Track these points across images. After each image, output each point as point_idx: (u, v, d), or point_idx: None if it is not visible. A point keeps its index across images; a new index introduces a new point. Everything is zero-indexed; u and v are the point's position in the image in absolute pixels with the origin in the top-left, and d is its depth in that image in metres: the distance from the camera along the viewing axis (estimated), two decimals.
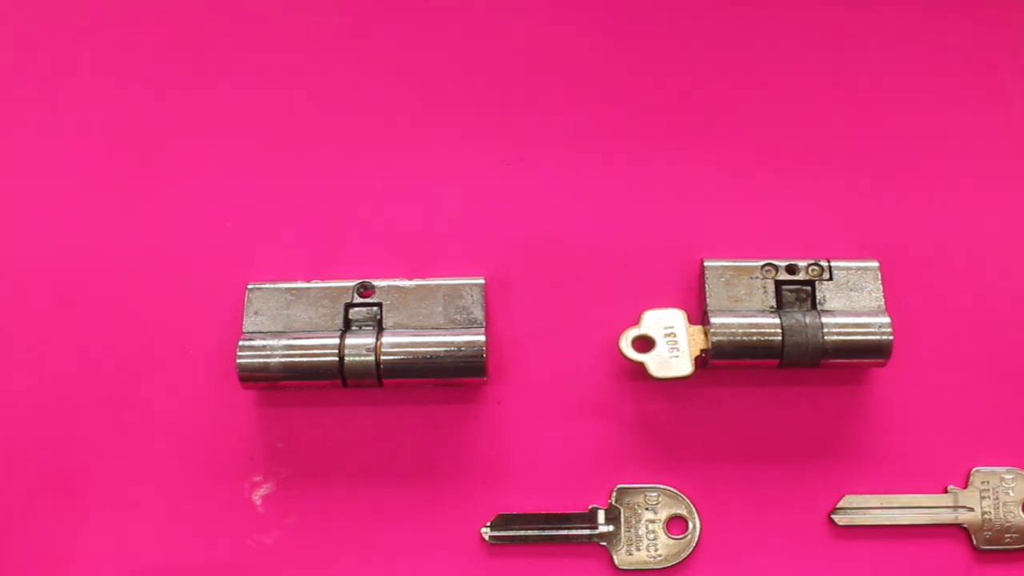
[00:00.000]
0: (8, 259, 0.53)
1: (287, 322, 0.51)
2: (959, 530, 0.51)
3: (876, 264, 0.52)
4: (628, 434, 0.52)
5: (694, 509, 0.51)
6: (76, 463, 0.51)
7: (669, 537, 0.51)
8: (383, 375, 0.50)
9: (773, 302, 0.51)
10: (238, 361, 0.49)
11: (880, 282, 0.52)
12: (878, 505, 0.51)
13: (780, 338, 0.50)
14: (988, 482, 0.51)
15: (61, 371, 0.52)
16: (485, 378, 0.50)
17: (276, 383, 0.50)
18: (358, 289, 0.52)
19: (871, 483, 0.51)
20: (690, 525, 0.51)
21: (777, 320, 0.50)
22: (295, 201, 0.54)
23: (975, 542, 0.51)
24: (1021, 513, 0.51)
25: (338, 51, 0.55)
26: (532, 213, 0.54)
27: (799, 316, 0.50)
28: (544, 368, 0.52)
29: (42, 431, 0.52)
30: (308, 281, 0.52)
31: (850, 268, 0.52)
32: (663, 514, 0.51)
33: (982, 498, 0.51)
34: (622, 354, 0.50)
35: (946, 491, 0.51)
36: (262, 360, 0.49)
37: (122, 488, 0.51)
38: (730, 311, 0.51)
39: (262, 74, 0.55)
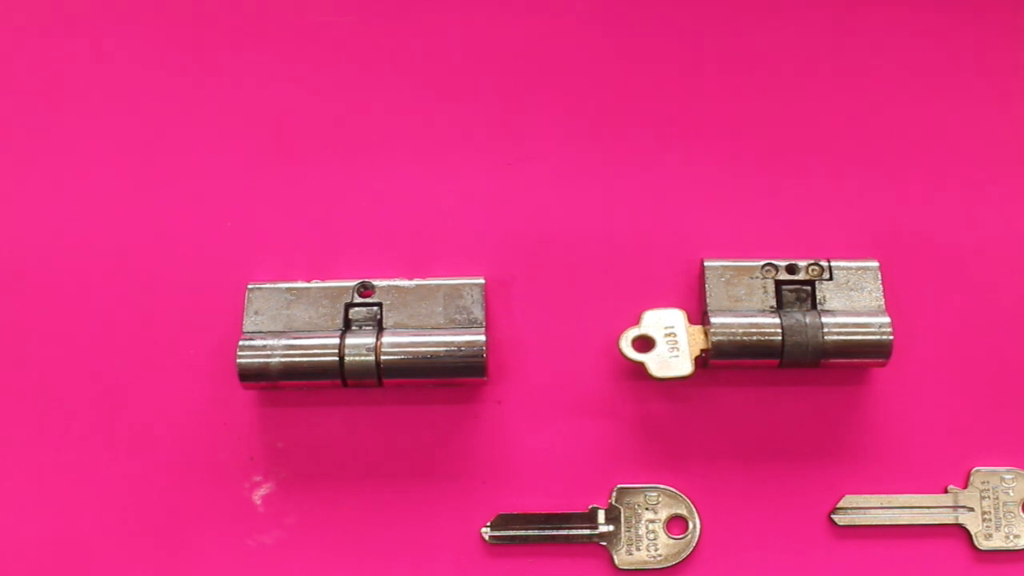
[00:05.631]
0: (8, 259, 0.53)
1: (287, 322, 0.51)
2: (959, 530, 0.51)
3: (876, 264, 0.52)
4: (628, 434, 0.52)
5: (694, 509, 0.51)
6: (76, 463, 0.51)
7: (669, 537, 0.51)
8: (383, 375, 0.50)
9: (773, 302, 0.51)
10: (238, 361, 0.49)
11: (880, 282, 0.52)
12: (878, 505, 0.51)
13: (780, 338, 0.50)
14: (988, 482, 0.51)
15: (61, 371, 0.52)
16: (485, 378, 0.50)
17: (276, 383, 0.50)
18: (358, 289, 0.52)
19: (871, 483, 0.51)
20: (690, 525, 0.51)
21: (777, 320, 0.50)
22: (295, 201, 0.54)
23: (975, 542, 0.51)
24: (1021, 513, 0.51)
25: (338, 50, 0.56)
26: (532, 213, 0.54)
27: (799, 316, 0.50)
28: (544, 368, 0.52)
29: (42, 430, 0.52)
30: (308, 281, 0.52)
31: (850, 268, 0.52)
32: (663, 514, 0.51)
33: (982, 498, 0.51)
34: (622, 354, 0.50)
35: (946, 491, 0.51)
36: (262, 360, 0.49)
37: (122, 488, 0.51)
38: (730, 311, 0.51)
39: (262, 74, 0.55)
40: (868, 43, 0.56)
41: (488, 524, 0.51)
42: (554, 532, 0.50)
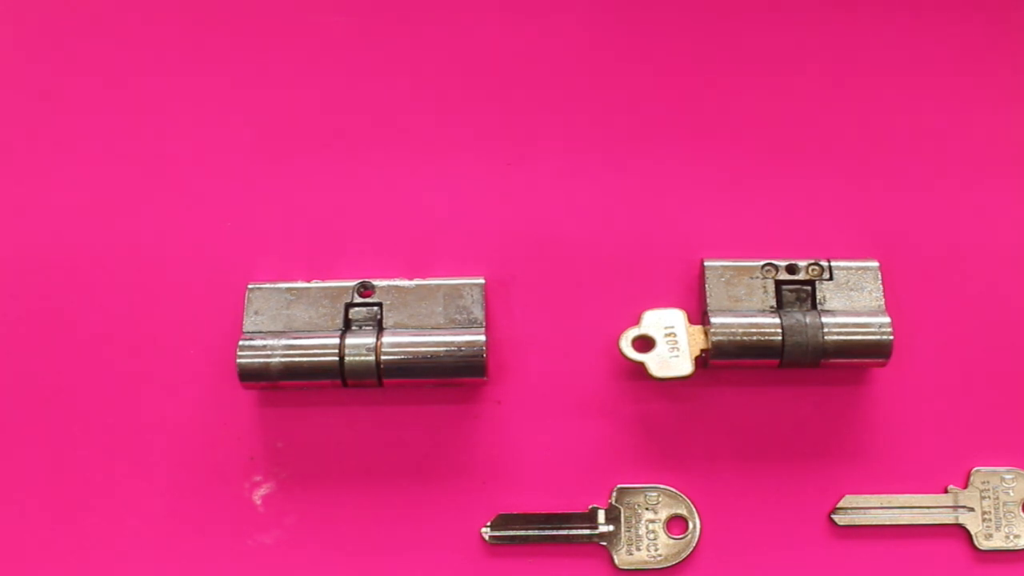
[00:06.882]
0: (8, 259, 0.53)
1: (287, 322, 0.51)
2: (959, 530, 0.51)
3: (876, 264, 0.52)
4: (628, 434, 0.52)
5: (694, 509, 0.51)
6: (76, 463, 0.51)
7: (669, 537, 0.51)
8: (383, 375, 0.50)
9: (773, 302, 0.51)
10: (238, 361, 0.49)
11: (880, 282, 0.52)
12: (878, 505, 0.51)
13: (780, 338, 0.50)
14: (988, 482, 0.51)
15: (61, 371, 0.52)
16: (485, 378, 0.50)
17: (276, 383, 0.50)
18: (358, 289, 0.52)
19: (871, 483, 0.51)
20: (690, 525, 0.51)
21: (777, 320, 0.50)
22: (295, 201, 0.54)
23: (975, 542, 0.51)
24: (1021, 513, 0.51)
25: (338, 51, 0.56)
26: (532, 213, 0.54)
27: (799, 316, 0.50)
28: (544, 368, 0.52)
29: (42, 431, 0.52)
30: (308, 281, 0.52)
31: (850, 268, 0.52)
32: (663, 514, 0.51)
33: (982, 498, 0.51)
34: (622, 354, 0.50)
35: (946, 491, 0.51)
36: (262, 360, 0.49)
37: (122, 488, 0.51)
38: (730, 311, 0.51)
39: (262, 74, 0.55)
40: (868, 43, 0.56)
41: (488, 524, 0.51)
42: (554, 532, 0.50)
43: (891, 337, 0.50)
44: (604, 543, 0.50)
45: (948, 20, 0.56)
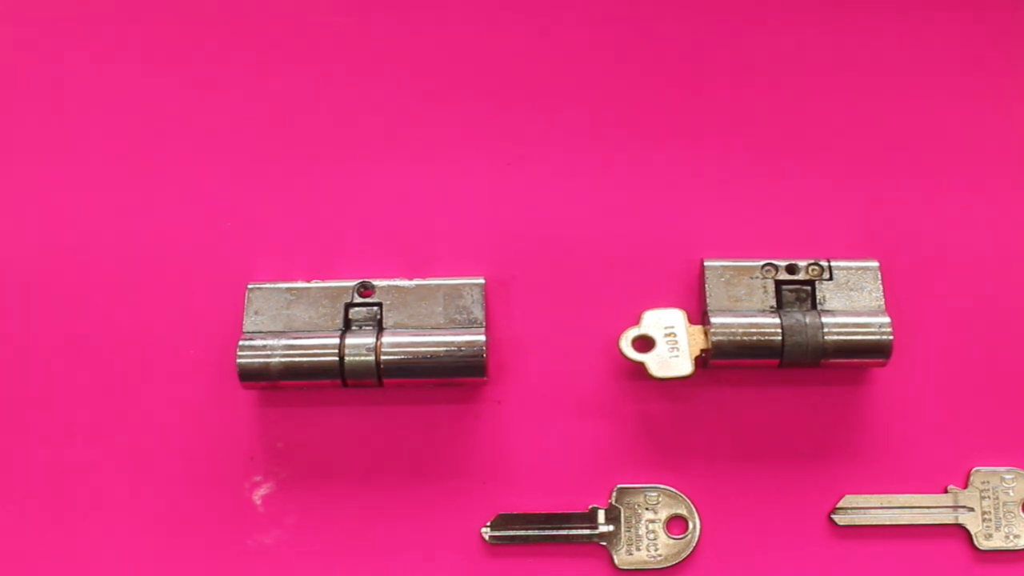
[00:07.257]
0: (8, 259, 0.53)
1: (287, 322, 0.51)
2: (959, 530, 0.51)
3: (876, 264, 0.52)
4: (628, 434, 0.52)
5: (694, 509, 0.51)
6: (76, 463, 0.51)
7: (669, 537, 0.51)
8: (383, 375, 0.50)
9: (773, 302, 0.51)
10: (238, 361, 0.49)
11: (880, 282, 0.52)
12: (878, 505, 0.51)
13: (780, 338, 0.50)
14: (988, 482, 0.51)
15: (61, 371, 0.52)
16: (485, 378, 0.50)
17: (276, 383, 0.50)
18: (358, 289, 0.52)
19: (871, 483, 0.51)
20: (690, 525, 0.51)
21: (777, 320, 0.50)
22: (295, 201, 0.54)
23: (975, 542, 0.51)
24: (1021, 513, 0.51)
25: (338, 51, 0.56)
26: (532, 213, 0.54)
27: (799, 316, 0.50)
28: (544, 368, 0.52)
29: (42, 431, 0.52)
30: (308, 281, 0.52)
31: (850, 268, 0.52)
32: (663, 514, 0.51)
33: (982, 498, 0.51)
34: (622, 354, 0.50)
35: (946, 491, 0.51)
36: (262, 360, 0.49)
37: (122, 488, 0.51)
38: (730, 311, 0.51)
39: (262, 74, 0.55)
40: (868, 43, 0.56)
41: (488, 524, 0.51)
42: (554, 532, 0.50)
43: (891, 337, 0.50)
44: (604, 543, 0.50)
45: (948, 20, 0.56)
